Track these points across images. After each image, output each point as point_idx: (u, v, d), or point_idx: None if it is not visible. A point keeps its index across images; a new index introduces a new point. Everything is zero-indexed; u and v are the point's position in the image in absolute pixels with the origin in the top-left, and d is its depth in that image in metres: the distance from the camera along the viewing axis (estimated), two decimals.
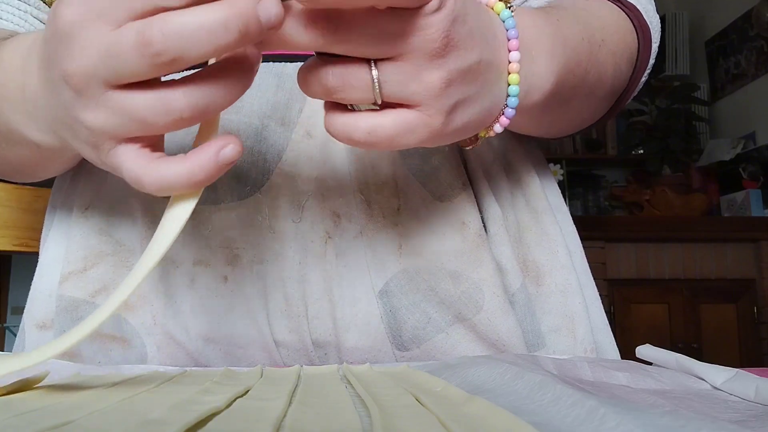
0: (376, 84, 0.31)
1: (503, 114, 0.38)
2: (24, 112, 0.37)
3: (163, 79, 0.29)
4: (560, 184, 2.74)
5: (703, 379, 0.33)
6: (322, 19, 0.29)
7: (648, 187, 2.57)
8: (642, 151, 2.80)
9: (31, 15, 0.51)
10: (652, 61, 0.53)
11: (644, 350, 0.39)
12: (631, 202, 2.59)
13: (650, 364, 0.39)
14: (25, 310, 0.50)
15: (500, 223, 0.48)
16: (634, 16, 0.50)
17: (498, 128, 0.38)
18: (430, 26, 0.31)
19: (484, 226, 0.48)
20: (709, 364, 0.34)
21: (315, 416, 0.22)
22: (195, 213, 0.46)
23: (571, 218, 0.57)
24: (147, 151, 0.30)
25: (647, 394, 0.29)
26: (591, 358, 0.42)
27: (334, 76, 0.31)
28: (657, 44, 0.53)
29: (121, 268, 0.47)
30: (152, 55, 0.27)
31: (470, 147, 0.40)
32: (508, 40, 0.36)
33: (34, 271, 0.52)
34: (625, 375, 0.33)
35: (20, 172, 0.48)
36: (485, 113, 0.36)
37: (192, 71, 0.29)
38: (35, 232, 0.89)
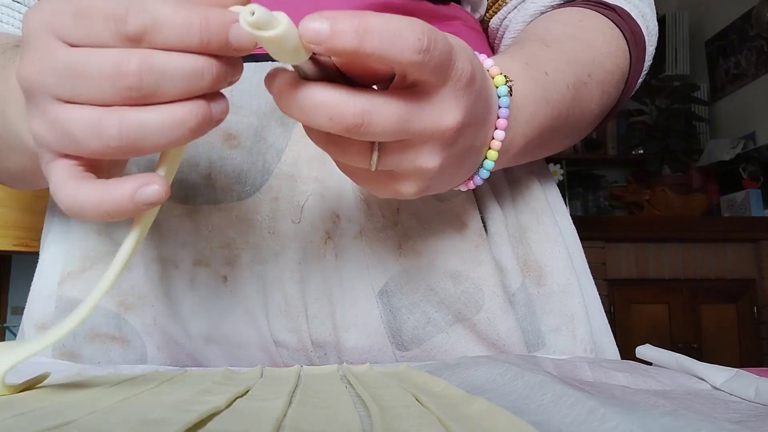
0: (374, 161, 0.32)
1: (472, 180, 0.39)
2: (24, 118, 0.38)
3: None
4: (560, 184, 2.74)
5: (703, 380, 0.33)
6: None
7: (648, 187, 2.56)
8: (642, 151, 2.80)
9: None
10: (647, 64, 0.53)
11: (644, 350, 0.39)
12: (631, 202, 2.59)
13: (650, 364, 0.39)
14: (24, 311, 0.50)
15: (500, 223, 0.48)
16: (627, 27, 0.50)
17: (463, 188, 0.39)
18: (445, 109, 0.31)
19: (484, 226, 0.48)
20: (709, 364, 0.34)
21: (315, 416, 0.22)
22: (195, 213, 0.46)
23: (570, 219, 0.57)
24: (78, 169, 0.29)
25: (647, 395, 0.29)
26: (591, 358, 0.42)
27: (330, 144, 0.31)
28: (653, 47, 0.53)
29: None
30: (125, 87, 0.26)
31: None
32: (498, 117, 0.37)
33: (34, 271, 0.52)
34: (625, 375, 0.33)
35: (20, 180, 0.48)
36: (455, 183, 0.38)
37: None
38: (35, 232, 0.89)
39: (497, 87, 0.37)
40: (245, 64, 0.31)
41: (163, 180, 0.28)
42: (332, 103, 0.28)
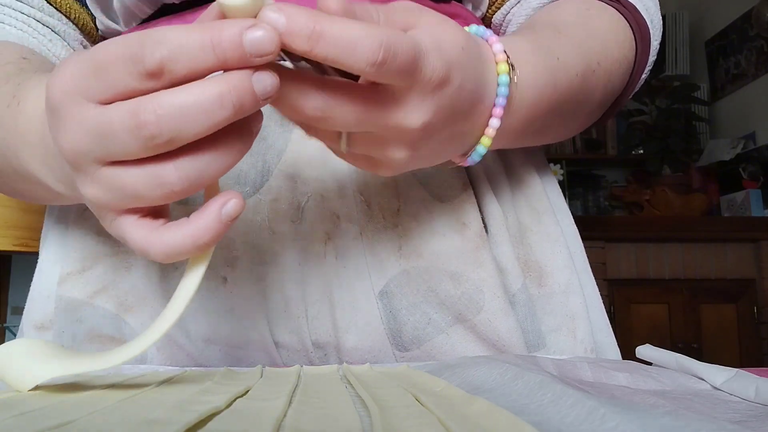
0: (343, 145, 0.32)
1: (468, 156, 0.38)
2: (42, 162, 0.37)
3: None
4: (560, 184, 2.74)
5: (703, 379, 0.33)
6: (314, 91, 0.29)
7: (648, 187, 2.56)
8: (642, 151, 2.80)
9: (34, 19, 0.50)
10: (652, 58, 0.53)
11: (644, 350, 0.39)
12: (631, 202, 2.59)
13: (650, 364, 0.39)
14: (24, 311, 0.50)
15: (501, 224, 0.48)
16: (632, 18, 0.50)
17: (458, 161, 0.39)
18: (410, 111, 0.31)
19: (485, 227, 0.48)
20: (709, 364, 0.34)
21: (315, 416, 0.22)
22: None
23: (571, 218, 0.57)
24: (147, 220, 0.30)
25: (647, 395, 0.29)
26: (591, 358, 0.42)
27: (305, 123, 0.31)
28: (658, 42, 0.53)
29: (119, 269, 0.47)
30: (146, 137, 0.26)
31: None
32: (494, 106, 0.36)
33: (34, 271, 0.52)
34: (625, 376, 0.33)
35: (35, 200, 0.47)
36: (444, 160, 0.38)
37: None
38: (35, 232, 0.89)
39: (499, 74, 0.36)
40: None
41: (238, 194, 0.29)
42: (293, 95, 0.28)
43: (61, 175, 0.36)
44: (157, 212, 0.31)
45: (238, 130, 0.28)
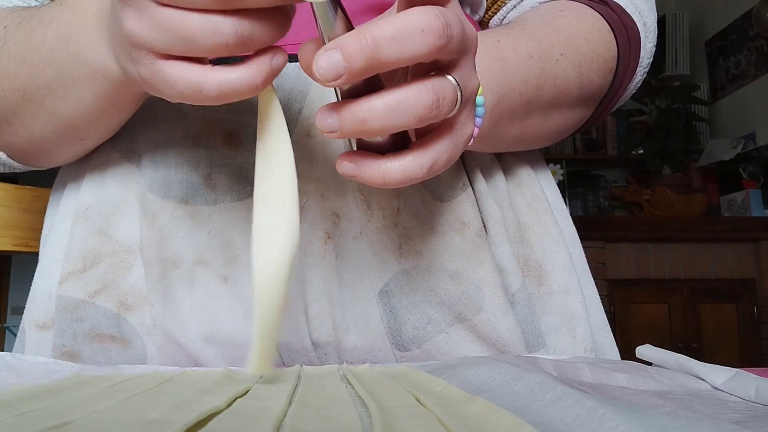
0: (459, 93, 0.32)
1: (475, 126, 0.38)
2: (98, 37, 0.38)
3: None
4: (560, 184, 2.74)
5: (703, 380, 0.33)
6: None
7: (648, 187, 2.56)
8: (642, 151, 2.80)
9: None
10: (647, 60, 0.53)
11: (644, 350, 0.39)
12: (631, 202, 2.59)
13: (650, 364, 0.39)
14: (25, 311, 0.50)
15: (500, 223, 0.48)
16: (618, 20, 0.50)
17: (473, 132, 0.39)
18: (467, 23, 0.32)
19: (484, 227, 0.48)
20: (709, 364, 0.34)
21: (315, 416, 0.22)
22: (195, 213, 0.46)
23: (570, 218, 0.57)
24: (196, 63, 0.31)
25: (647, 396, 0.29)
26: (591, 358, 0.42)
27: (428, 92, 0.30)
28: (653, 44, 0.53)
29: (120, 268, 0.47)
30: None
31: None
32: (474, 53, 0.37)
33: (34, 271, 0.52)
34: (625, 376, 0.33)
35: (67, 134, 0.46)
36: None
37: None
38: (35, 232, 0.89)
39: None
40: None
41: (281, 48, 0.32)
42: (421, 14, 0.29)
43: (109, 46, 0.37)
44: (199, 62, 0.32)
45: (278, 12, 0.31)
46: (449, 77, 0.31)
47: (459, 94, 0.31)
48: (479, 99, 0.37)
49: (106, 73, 0.39)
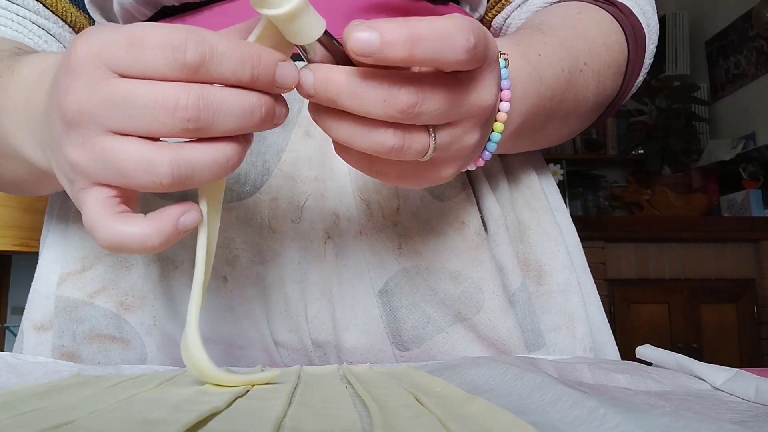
0: (431, 150, 0.32)
1: (481, 156, 0.38)
2: (23, 126, 0.37)
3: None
4: (560, 184, 2.74)
5: (703, 380, 0.33)
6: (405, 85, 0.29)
7: (648, 187, 2.56)
8: (642, 151, 2.80)
9: (30, 21, 0.50)
10: (648, 61, 0.53)
11: (644, 350, 0.39)
12: (631, 202, 2.59)
13: (650, 364, 0.39)
14: (24, 311, 0.50)
15: (500, 223, 0.48)
16: (627, 22, 0.50)
17: (472, 167, 0.39)
18: (485, 88, 0.32)
19: (484, 226, 0.48)
20: (709, 364, 0.34)
21: (315, 416, 0.22)
22: None
23: (570, 218, 0.57)
24: (114, 201, 0.30)
25: (647, 396, 0.29)
26: (590, 358, 0.42)
27: (395, 137, 0.30)
28: (654, 45, 0.53)
29: (119, 268, 0.47)
30: (183, 119, 0.27)
31: None
32: (501, 90, 0.37)
33: (34, 271, 0.52)
34: (625, 377, 0.33)
35: (17, 186, 0.47)
36: (474, 159, 0.38)
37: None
38: (35, 232, 0.89)
39: None
40: None
41: (197, 206, 0.30)
42: (386, 84, 0.29)
43: (41, 138, 0.35)
44: (127, 198, 0.30)
45: (233, 141, 0.29)
46: (429, 132, 0.31)
47: (431, 145, 0.31)
48: (495, 136, 0.37)
49: (33, 162, 0.38)
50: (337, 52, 0.30)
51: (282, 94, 0.30)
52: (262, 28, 0.30)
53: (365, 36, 0.27)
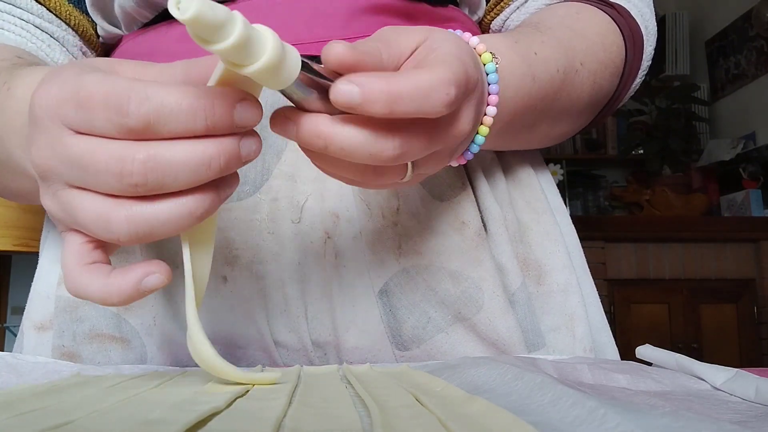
0: (409, 175, 0.33)
1: (462, 155, 0.38)
2: (21, 145, 0.37)
3: None
4: (560, 184, 2.74)
5: (703, 380, 0.33)
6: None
7: (648, 187, 2.57)
8: (642, 151, 2.80)
9: (33, 25, 0.50)
10: (646, 64, 0.53)
11: (644, 350, 0.39)
12: (631, 202, 2.59)
13: (650, 364, 0.39)
14: (24, 311, 0.50)
15: (500, 223, 0.48)
16: (626, 24, 0.50)
17: (454, 164, 0.39)
18: (463, 119, 0.32)
19: (484, 226, 0.48)
20: (709, 364, 0.34)
21: (315, 416, 0.22)
22: None
23: (569, 218, 0.57)
24: (88, 248, 0.29)
25: (647, 396, 0.29)
26: (590, 358, 0.42)
27: (375, 169, 0.31)
28: (652, 48, 0.53)
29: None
30: (131, 184, 0.26)
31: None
32: (489, 94, 0.37)
33: (34, 271, 0.52)
34: (625, 377, 0.33)
35: (23, 198, 0.47)
36: (449, 161, 0.38)
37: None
38: (35, 232, 0.89)
39: (485, 64, 0.37)
40: None
41: (165, 266, 0.29)
42: (371, 140, 0.28)
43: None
44: (102, 244, 0.30)
45: (202, 189, 0.28)
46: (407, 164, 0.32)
47: (409, 171, 0.32)
48: (479, 138, 0.37)
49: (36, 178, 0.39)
50: (319, 87, 0.28)
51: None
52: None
53: (347, 89, 0.27)
